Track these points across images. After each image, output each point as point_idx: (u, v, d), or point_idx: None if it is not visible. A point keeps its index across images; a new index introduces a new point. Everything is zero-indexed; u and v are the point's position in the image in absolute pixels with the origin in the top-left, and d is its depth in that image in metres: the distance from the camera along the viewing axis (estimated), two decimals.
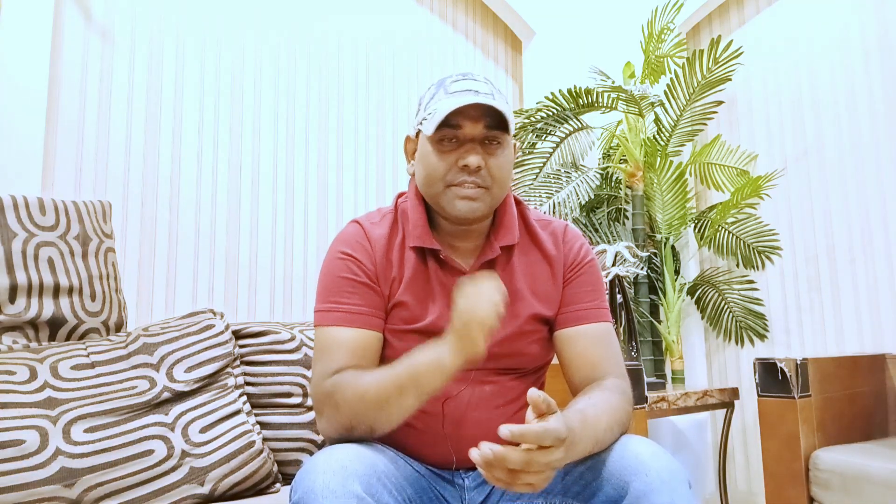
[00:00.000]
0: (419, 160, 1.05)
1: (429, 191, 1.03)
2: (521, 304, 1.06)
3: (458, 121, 0.99)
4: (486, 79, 1.04)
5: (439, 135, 1.00)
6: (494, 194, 1.02)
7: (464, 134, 1.00)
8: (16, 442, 1.02)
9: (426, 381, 0.88)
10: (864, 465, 1.53)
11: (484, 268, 1.06)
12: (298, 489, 0.79)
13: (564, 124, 2.61)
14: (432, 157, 1.01)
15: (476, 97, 0.97)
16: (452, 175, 1.00)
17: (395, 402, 0.88)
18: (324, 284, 1.04)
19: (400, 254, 1.06)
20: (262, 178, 2.05)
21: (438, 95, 1.02)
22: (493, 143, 1.01)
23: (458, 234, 1.07)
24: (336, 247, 1.06)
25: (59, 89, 1.69)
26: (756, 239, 2.55)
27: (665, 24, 2.56)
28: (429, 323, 1.03)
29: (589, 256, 1.12)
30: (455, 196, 1.00)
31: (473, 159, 0.98)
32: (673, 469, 0.83)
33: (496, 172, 1.01)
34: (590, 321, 1.06)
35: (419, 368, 0.88)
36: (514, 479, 0.76)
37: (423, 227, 1.05)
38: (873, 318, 2.23)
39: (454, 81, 1.02)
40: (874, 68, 2.28)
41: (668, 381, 2.56)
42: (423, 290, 1.04)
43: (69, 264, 1.30)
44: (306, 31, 2.20)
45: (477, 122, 0.99)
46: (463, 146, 1.00)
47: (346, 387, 0.92)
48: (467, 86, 1.00)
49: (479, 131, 1.00)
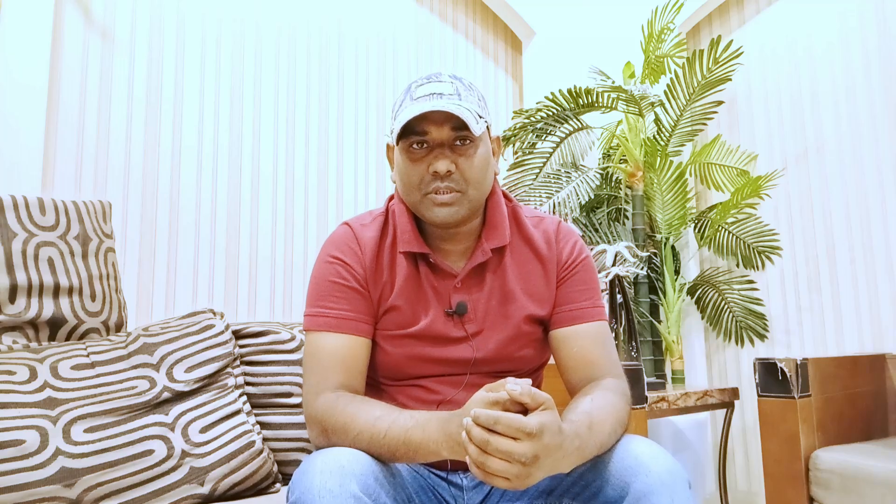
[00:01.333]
0: (396, 169, 1.04)
1: (408, 199, 1.03)
2: (515, 307, 1.05)
3: (424, 126, 0.97)
4: (453, 77, 1.02)
5: (407, 143, 0.99)
6: (471, 196, 1.00)
7: (432, 139, 0.98)
8: (16, 442, 1.02)
9: (420, 458, 0.86)
10: (864, 465, 1.53)
11: (475, 272, 1.05)
12: (296, 489, 0.78)
13: (564, 124, 2.61)
14: (404, 166, 1.00)
15: (437, 101, 0.95)
16: (426, 183, 0.99)
17: (384, 455, 0.87)
18: (313, 288, 1.04)
19: (391, 257, 1.05)
20: (262, 178, 2.05)
21: (405, 103, 1.00)
22: (463, 143, 0.99)
23: (447, 237, 1.06)
24: (326, 250, 1.05)
25: (59, 89, 1.69)
26: (756, 239, 2.55)
27: (665, 24, 2.56)
28: (422, 328, 1.02)
29: (583, 254, 1.10)
30: (432, 203, 0.99)
31: (442, 165, 0.97)
32: (673, 470, 0.83)
33: (469, 173, 0.99)
34: (585, 320, 1.06)
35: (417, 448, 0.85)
36: (482, 463, 0.75)
37: (412, 231, 1.04)
38: (873, 318, 2.23)
39: (419, 86, 1.00)
40: (874, 68, 2.28)
41: (668, 381, 2.55)
42: (416, 295, 1.04)
43: (69, 264, 1.30)
44: (306, 32, 2.20)
45: (442, 125, 0.97)
46: (432, 152, 0.99)
47: (337, 419, 0.90)
48: (431, 89, 0.98)
49: (447, 134, 0.98)
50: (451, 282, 1.04)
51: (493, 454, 0.75)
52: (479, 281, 1.06)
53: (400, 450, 0.85)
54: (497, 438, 0.74)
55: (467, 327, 1.04)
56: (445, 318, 1.04)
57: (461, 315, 1.04)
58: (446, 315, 1.04)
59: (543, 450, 0.76)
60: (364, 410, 0.90)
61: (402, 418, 0.87)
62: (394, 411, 0.89)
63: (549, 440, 0.77)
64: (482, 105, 1.03)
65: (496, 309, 1.05)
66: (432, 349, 1.03)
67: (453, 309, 1.03)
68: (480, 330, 1.04)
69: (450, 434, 0.82)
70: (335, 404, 0.92)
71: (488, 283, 1.06)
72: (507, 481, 0.76)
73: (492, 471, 0.75)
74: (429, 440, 0.84)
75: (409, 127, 0.97)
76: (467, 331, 1.04)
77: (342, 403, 0.92)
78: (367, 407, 0.91)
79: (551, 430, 0.77)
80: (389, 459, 0.87)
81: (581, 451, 0.82)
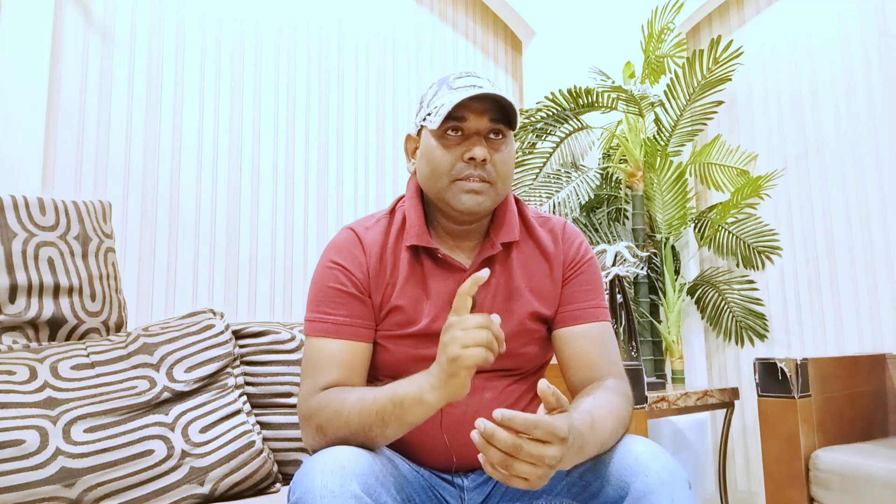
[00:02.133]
0: (422, 156, 1.05)
1: (433, 185, 1.03)
2: (520, 303, 1.06)
3: (463, 113, 0.99)
4: (488, 78, 1.05)
5: (444, 127, 1.00)
6: (499, 190, 1.02)
7: (468, 127, 1.00)
8: (16, 442, 1.02)
9: (408, 414, 0.86)
10: (864, 465, 1.53)
11: (484, 265, 1.06)
12: (297, 489, 0.78)
13: (564, 124, 2.61)
14: (437, 151, 1.01)
15: (482, 90, 0.98)
16: (458, 169, 1.00)
17: (377, 430, 0.87)
18: (313, 293, 1.04)
19: (394, 256, 1.05)
20: (262, 178, 2.05)
21: (442, 92, 1.02)
22: (497, 136, 1.01)
23: (457, 233, 1.07)
24: (327, 255, 1.06)
25: (59, 89, 1.69)
26: (756, 239, 2.55)
27: (665, 24, 2.56)
28: (423, 327, 1.02)
29: (588, 255, 1.11)
30: (460, 190, 1.00)
31: (479, 151, 0.98)
32: (673, 470, 0.83)
33: (501, 167, 1.01)
34: (588, 320, 1.06)
35: (402, 401, 0.86)
36: (508, 466, 0.75)
37: (421, 226, 1.05)
38: (873, 318, 2.23)
39: (457, 78, 1.03)
40: (874, 68, 2.28)
41: (668, 381, 2.55)
42: (418, 293, 1.04)
43: (69, 264, 1.30)
44: (306, 32, 2.20)
45: (482, 115, 0.99)
46: (468, 139, 1.00)
47: (329, 409, 0.91)
48: (471, 82, 1.01)
49: (485, 124, 1.00)
50: (458, 276, 1.04)
51: (524, 459, 0.74)
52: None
53: (387, 409, 0.86)
54: (529, 443, 0.74)
55: None
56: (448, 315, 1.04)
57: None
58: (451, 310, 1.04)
59: (567, 451, 0.77)
60: (354, 392, 0.92)
61: (387, 389, 0.89)
62: (380, 390, 0.90)
63: (571, 441, 0.78)
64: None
65: (501, 305, 1.05)
66: (434, 348, 1.03)
67: None
68: None
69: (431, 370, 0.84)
70: (326, 397, 0.93)
71: (494, 279, 1.06)
72: (527, 482, 0.76)
73: (517, 473, 0.75)
74: (414, 385, 0.85)
75: (449, 112, 0.99)
76: None
77: (332, 394, 0.93)
78: (356, 389, 0.93)
79: (573, 431, 0.78)
80: (379, 427, 0.87)
81: (582, 449, 0.82)
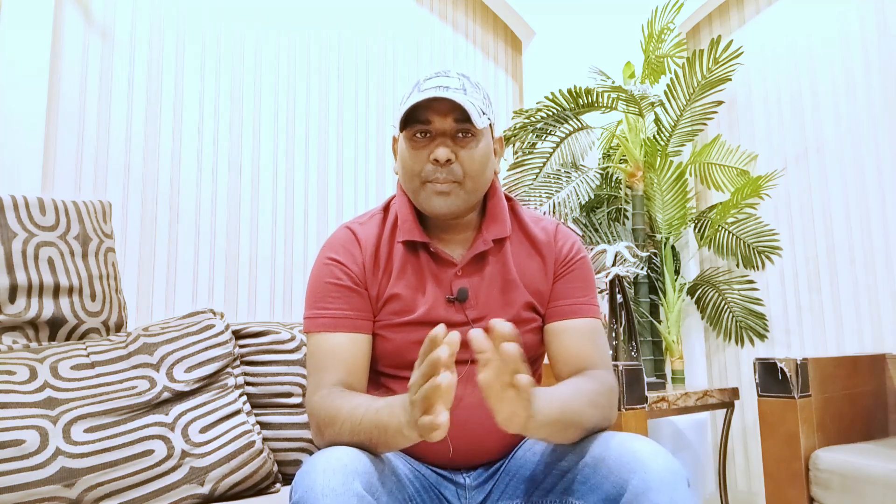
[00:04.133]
0: (398, 158, 1.08)
1: (408, 187, 1.05)
2: (517, 293, 1.07)
3: (427, 116, 1.00)
4: (461, 74, 1.06)
5: (411, 131, 1.02)
6: (468, 187, 1.03)
7: (434, 128, 1.01)
8: (16, 442, 1.02)
9: (393, 442, 0.85)
10: (864, 465, 1.53)
11: (475, 260, 1.07)
12: (299, 489, 0.78)
13: (564, 124, 2.61)
14: (407, 154, 1.03)
15: (441, 92, 0.98)
16: (427, 171, 1.02)
17: (369, 446, 0.88)
18: (311, 290, 1.05)
19: (388, 248, 1.07)
20: (262, 177, 2.05)
21: (413, 94, 1.03)
22: (465, 135, 1.02)
23: (447, 227, 1.08)
24: (324, 252, 1.08)
25: (59, 89, 1.69)
26: (756, 239, 2.55)
27: (665, 24, 2.56)
28: (421, 314, 1.03)
29: (581, 254, 1.12)
30: (431, 192, 1.02)
31: (441, 152, 0.99)
32: (672, 468, 0.83)
33: (468, 165, 1.02)
34: (578, 316, 1.07)
35: (386, 429, 0.85)
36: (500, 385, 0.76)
37: (412, 221, 1.07)
38: (873, 318, 2.23)
39: (427, 80, 1.04)
40: (874, 68, 2.28)
41: (668, 381, 2.55)
42: (415, 281, 1.05)
43: (69, 264, 1.30)
44: (306, 31, 2.20)
45: (445, 115, 1.00)
46: (434, 141, 1.02)
47: (326, 414, 0.92)
48: (438, 82, 1.02)
49: (449, 125, 1.01)
50: (451, 269, 1.06)
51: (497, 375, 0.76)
52: (480, 269, 1.07)
53: (373, 434, 0.86)
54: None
55: (468, 313, 1.05)
56: (446, 305, 1.05)
57: (462, 301, 1.05)
58: (447, 302, 1.05)
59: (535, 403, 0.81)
60: (348, 401, 0.92)
61: (377, 403, 0.88)
62: (374, 400, 0.90)
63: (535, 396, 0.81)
64: (486, 103, 1.05)
65: (497, 296, 1.06)
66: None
67: (454, 295, 1.05)
68: (482, 316, 1.06)
69: (406, 408, 0.81)
70: (326, 399, 0.94)
71: (489, 271, 1.07)
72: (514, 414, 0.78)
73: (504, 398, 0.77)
74: (393, 417, 0.84)
75: (413, 115, 1.00)
76: (468, 316, 1.05)
77: (331, 398, 0.94)
78: (351, 398, 0.92)
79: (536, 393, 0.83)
80: (369, 447, 0.88)
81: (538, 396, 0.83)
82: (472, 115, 0.98)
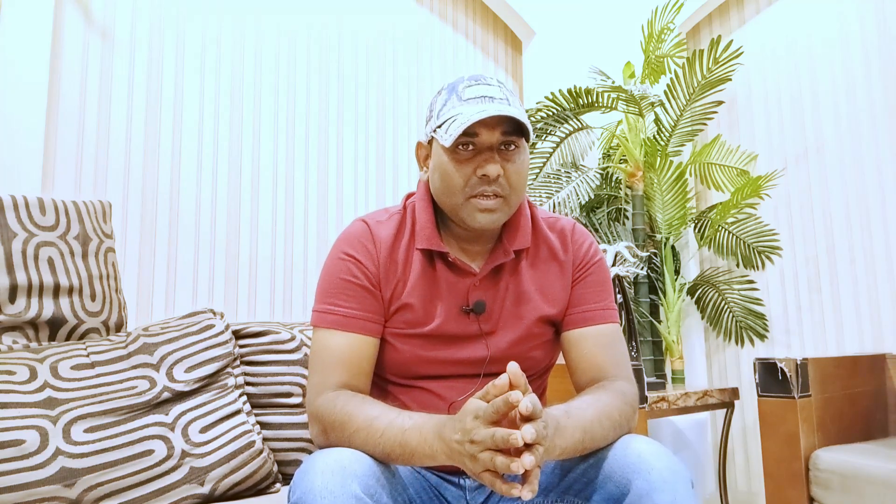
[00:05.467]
0: (435, 169, 1.02)
1: (448, 201, 1.01)
2: (529, 307, 1.05)
3: (475, 128, 0.96)
4: (498, 81, 1.02)
5: (456, 143, 0.97)
6: (512, 202, 1.00)
7: (480, 142, 0.97)
8: (16, 442, 1.02)
9: (416, 461, 0.84)
10: (864, 465, 1.53)
11: (495, 271, 1.05)
12: (297, 489, 0.78)
13: (564, 124, 2.61)
14: (449, 167, 0.98)
15: (493, 104, 0.95)
16: (472, 185, 0.97)
17: (381, 457, 0.87)
18: (323, 284, 1.03)
19: (406, 254, 1.04)
20: (262, 177, 2.05)
21: (451, 102, 0.99)
22: (509, 148, 0.98)
23: (469, 238, 1.06)
24: (339, 246, 1.04)
25: (60, 89, 1.69)
26: (756, 239, 2.55)
27: (665, 24, 2.56)
28: (434, 327, 1.02)
29: (597, 256, 1.11)
30: (475, 209, 0.98)
31: (493, 169, 0.95)
32: (675, 468, 0.83)
33: (514, 179, 0.98)
34: (597, 322, 1.05)
35: (413, 453, 0.84)
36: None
37: (432, 229, 1.04)
38: (873, 318, 2.23)
39: (467, 87, 0.99)
40: (874, 68, 2.28)
41: (668, 381, 2.55)
42: (430, 292, 1.03)
43: (69, 264, 1.30)
44: (306, 31, 2.20)
45: (493, 129, 0.96)
46: (480, 154, 0.97)
47: (335, 418, 0.90)
48: (481, 91, 0.98)
49: (496, 138, 0.97)
50: (468, 280, 1.04)
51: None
52: (496, 281, 1.05)
53: (395, 451, 0.85)
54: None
55: (483, 326, 1.04)
56: (459, 317, 1.03)
57: (479, 314, 1.03)
58: (462, 313, 1.03)
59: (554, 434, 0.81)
60: (362, 409, 0.89)
61: (400, 419, 0.86)
62: (391, 411, 0.88)
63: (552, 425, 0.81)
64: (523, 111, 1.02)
65: (510, 309, 1.05)
66: (443, 350, 1.03)
67: (471, 307, 1.03)
68: (494, 330, 1.04)
69: (445, 439, 0.80)
70: (334, 402, 0.92)
71: (504, 283, 1.05)
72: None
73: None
74: (425, 444, 0.83)
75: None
76: (482, 329, 1.03)
77: (341, 401, 0.92)
78: (365, 405, 0.90)
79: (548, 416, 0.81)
80: (384, 460, 0.87)
81: (561, 432, 0.83)
82: (525, 129, 0.96)
